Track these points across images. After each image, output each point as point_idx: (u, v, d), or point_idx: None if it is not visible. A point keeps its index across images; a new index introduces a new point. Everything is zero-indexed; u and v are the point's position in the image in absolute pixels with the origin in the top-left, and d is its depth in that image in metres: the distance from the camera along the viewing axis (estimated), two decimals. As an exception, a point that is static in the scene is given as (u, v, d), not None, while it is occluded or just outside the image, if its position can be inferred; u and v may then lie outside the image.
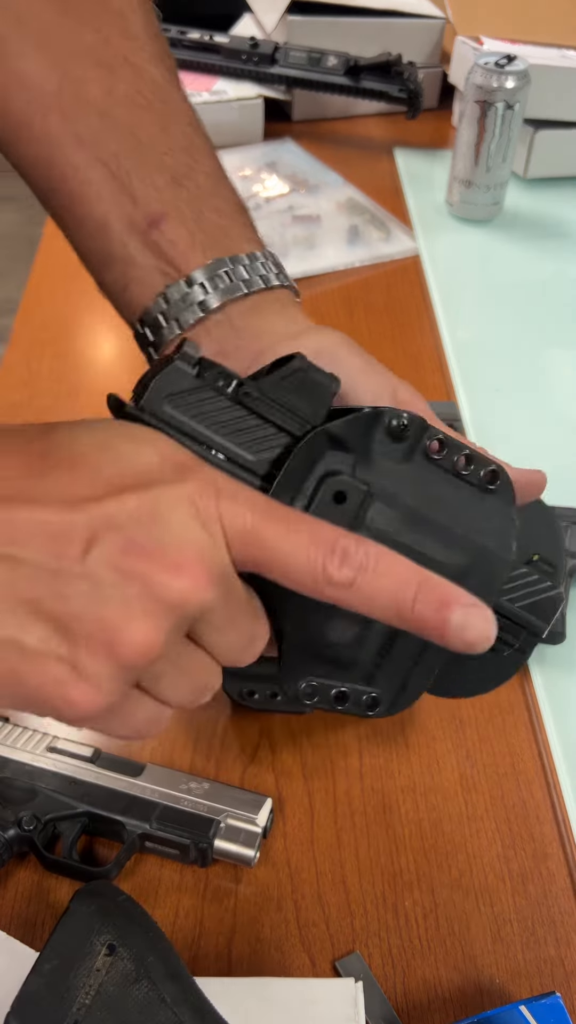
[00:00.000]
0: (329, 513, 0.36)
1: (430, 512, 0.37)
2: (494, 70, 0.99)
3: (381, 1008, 0.48)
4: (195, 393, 0.35)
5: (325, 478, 0.36)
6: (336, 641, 0.37)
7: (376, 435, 0.37)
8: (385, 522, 0.37)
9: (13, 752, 0.55)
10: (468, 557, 0.38)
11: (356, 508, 0.36)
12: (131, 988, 0.41)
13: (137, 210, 0.42)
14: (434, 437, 0.37)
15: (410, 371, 0.91)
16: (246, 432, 0.36)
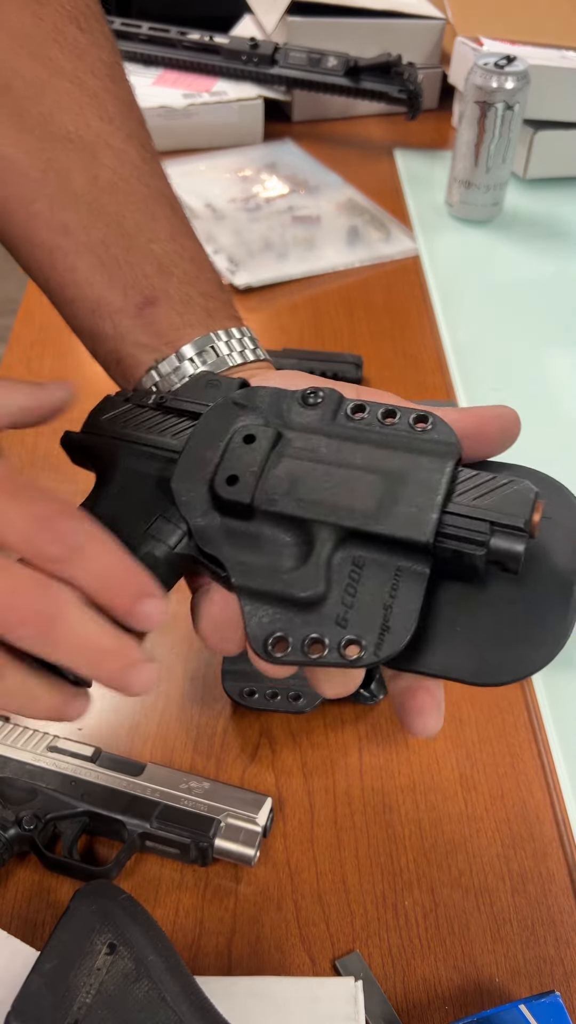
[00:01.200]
0: (240, 453, 0.37)
1: (355, 448, 0.37)
2: (494, 71, 0.99)
3: (381, 1007, 0.48)
4: (124, 412, 0.42)
5: (235, 432, 0.38)
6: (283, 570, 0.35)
7: (286, 403, 0.39)
8: (301, 454, 0.37)
9: (13, 752, 0.55)
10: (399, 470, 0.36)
11: (267, 444, 0.37)
12: (132, 987, 0.41)
13: (127, 297, 0.43)
14: (353, 403, 0.38)
15: (410, 371, 0.91)
16: (168, 427, 0.40)
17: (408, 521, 0.34)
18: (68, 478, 0.77)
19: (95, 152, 0.43)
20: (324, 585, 0.35)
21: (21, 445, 0.80)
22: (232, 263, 1.02)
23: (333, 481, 0.36)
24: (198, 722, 0.61)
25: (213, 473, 0.37)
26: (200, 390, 0.41)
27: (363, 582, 0.35)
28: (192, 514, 0.37)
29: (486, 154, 1.04)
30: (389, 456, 0.36)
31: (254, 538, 0.36)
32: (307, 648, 0.34)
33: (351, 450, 0.37)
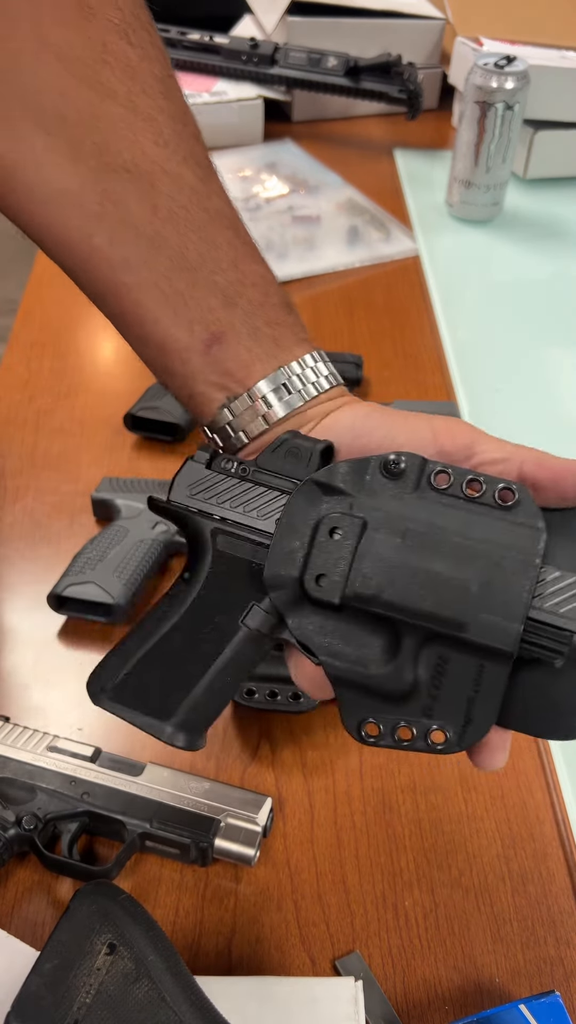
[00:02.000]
0: (327, 548, 0.38)
1: (440, 535, 0.37)
2: (494, 71, 0.99)
3: (381, 1007, 0.48)
4: (206, 480, 0.42)
5: (321, 520, 0.39)
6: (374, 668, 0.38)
7: (368, 475, 0.39)
8: (387, 548, 0.38)
9: (13, 752, 0.55)
10: (484, 570, 0.37)
11: (354, 538, 0.38)
12: (131, 987, 0.41)
13: (194, 333, 0.42)
14: (437, 468, 0.39)
15: (410, 371, 0.91)
16: (252, 501, 0.41)
17: (494, 629, 0.36)
18: (68, 478, 0.77)
19: (152, 181, 0.42)
20: (411, 681, 0.38)
21: (21, 445, 0.80)
22: (232, 263, 1.02)
23: (420, 580, 0.37)
24: (198, 722, 0.61)
25: (303, 568, 0.39)
26: (281, 459, 0.41)
27: (447, 675, 0.38)
28: (285, 608, 0.39)
29: (486, 154, 1.04)
30: (475, 550, 0.37)
31: (345, 631, 0.39)
32: (396, 734, 0.38)
33: (437, 538, 0.38)
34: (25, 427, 0.82)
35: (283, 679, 0.60)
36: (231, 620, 0.40)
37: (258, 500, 0.41)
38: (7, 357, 0.90)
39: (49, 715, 0.61)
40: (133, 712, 0.40)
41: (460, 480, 0.38)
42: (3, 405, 0.84)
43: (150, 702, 0.40)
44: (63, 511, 0.75)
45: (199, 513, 0.42)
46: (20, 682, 0.63)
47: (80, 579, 0.65)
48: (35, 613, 0.66)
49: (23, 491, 0.76)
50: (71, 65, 0.40)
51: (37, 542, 0.72)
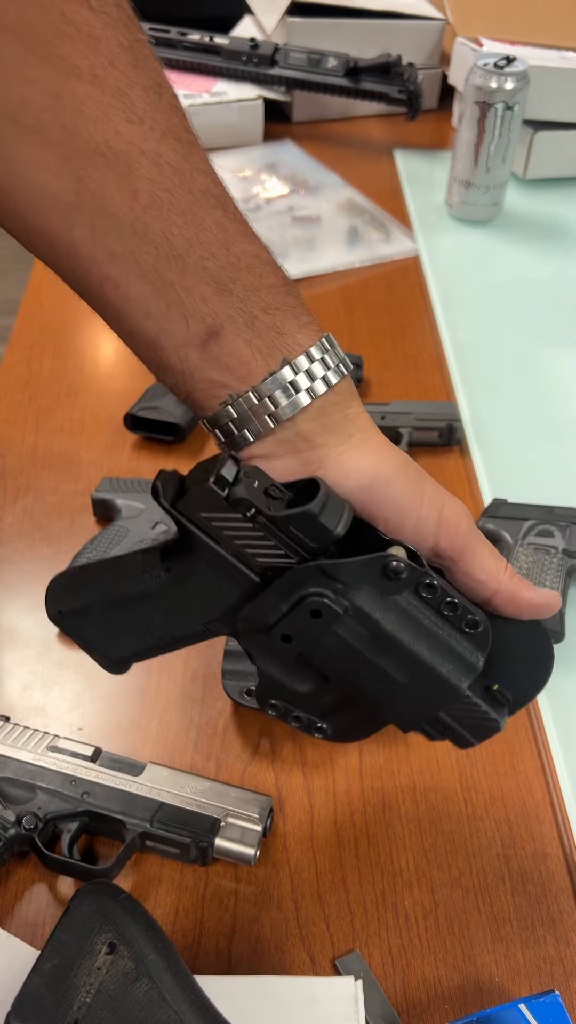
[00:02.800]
0: (303, 623, 0.42)
1: (400, 635, 0.42)
2: (493, 71, 0.99)
3: (381, 1007, 0.48)
4: (223, 513, 0.41)
5: (309, 596, 0.41)
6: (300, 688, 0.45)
7: (368, 569, 0.41)
8: (352, 636, 0.42)
9: (14, 751, 0.55)
10: (418, 677, 0.43)
11: (328, 623, 0.42)
12: (132, 986, 0.41)
13: (190, 327, 0.40)
14: (425, 581, 0.42)
15: (410, 371, 0.91)
16: (257, 547, 0.42)
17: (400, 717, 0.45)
18: (68, 478, 0.77)
19: (129, 164, 0.38)
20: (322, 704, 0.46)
21: (21, 445, 0.80)
22: (232, 263, 1.02)
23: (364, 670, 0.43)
24: (198, 722, 0.61)
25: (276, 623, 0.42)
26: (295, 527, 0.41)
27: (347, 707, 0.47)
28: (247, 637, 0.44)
29: (486, 154, 1.04)
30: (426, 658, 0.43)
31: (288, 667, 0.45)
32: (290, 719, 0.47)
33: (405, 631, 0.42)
34: (25, 427, 0.82)
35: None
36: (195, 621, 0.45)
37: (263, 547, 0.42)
38: (7, 357, 0.90)
39: (49, 715, 0.61)
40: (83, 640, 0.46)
41: (440, 600, 0.42)
42: (3, 405, 0.84)
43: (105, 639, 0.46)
44: (63, 511, 0.75)
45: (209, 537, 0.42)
46: (20, 682, 0.63)
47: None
48: (35, 613, 0.67)
49: (23, 491, 0.76)
50: (30, 42, 0.36)
51: (37, 542, 0.72)
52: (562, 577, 0.66)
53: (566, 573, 0.67)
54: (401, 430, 0.80)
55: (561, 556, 0.68)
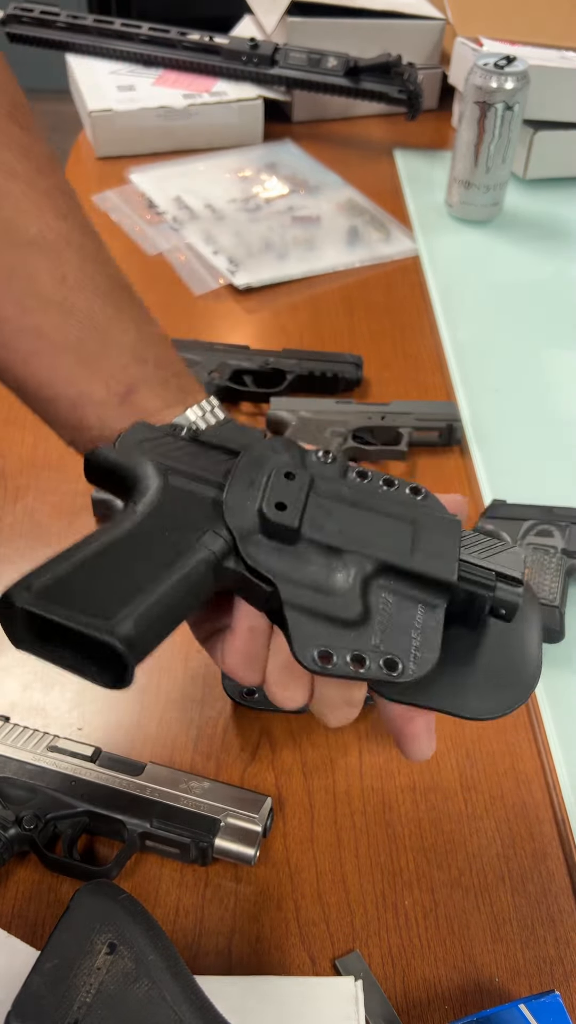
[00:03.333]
0: (283, 487, 0.41)
1: (373, 502, 0.42)
2: (493, 71, 0.99)
3: (381, 1007, 0.48)
4: (156, 439, 0.43)
5: (276, 468, 0.42)
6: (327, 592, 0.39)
7: (310, 456, 0.44)
8: (335, 497, 0.42)
9: (14, 752, 0.55)
10: (419, 521, 0.42)
11: (306, 484, 0.41)
12: (132, 986, 0.41)
13: (109, 389, 0.45)
14: (356, 469, 0.43)
15: (410, 371, 0.91)
16: (203, 457, 0.43)
17: (436, 563, 0.40)
18: (68, 478, 0.77)
19: (59, 252, 0.44)
20: (362, 609, 0.39)
21: (21, 445, 0.80)
22: (232, 263, 1.02)
23: (367, 522, 0.41)
24: (198, 722, 0.61)
25: (260, 499, 0.41)
26: (230, 431, 0.44)
27: (394, 610, 0.40)
28: (242, 533, 0.40)
29: (486, 154, 1.04)
30: (404, 514, 0.42)
31: (299, 559, 0.40)
32: (351, 663, 0.38)
33: (372, 503, 0.42)
34: (25, 427, 0.82)
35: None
36: (185, 537, 0.39)
37: (210, 457, 0.43)
38: (7, 357, 0.90)
39: (49, 715, 0.61)
40: (66, 610, 0.35)
41: (377, 476, 0.43)
42: (3, 405, 0.84)
43: (90, 603, 0.35)
44: (63, 511, 0.75)
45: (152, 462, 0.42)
46: (20, 682, 0.63)
47: None
48: (35, 613, 0.66)
49: (23, 491, 0.76)
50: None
51: (37, 542, 0.72)
52: (561, 577, 0.66)
53: (565, 573, 0.67)
54: (401, 430, 0.80)
55: (560, 556, 0.68)
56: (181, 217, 1.09)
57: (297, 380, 0.85)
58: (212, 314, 0.97)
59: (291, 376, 0.85)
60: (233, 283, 0.99)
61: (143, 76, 1.22)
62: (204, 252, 1.03)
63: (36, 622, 0.35)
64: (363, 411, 0.81)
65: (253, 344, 0.90)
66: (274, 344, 0.92)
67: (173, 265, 1.03)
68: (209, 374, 0.84)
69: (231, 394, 0.85)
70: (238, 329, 0.95)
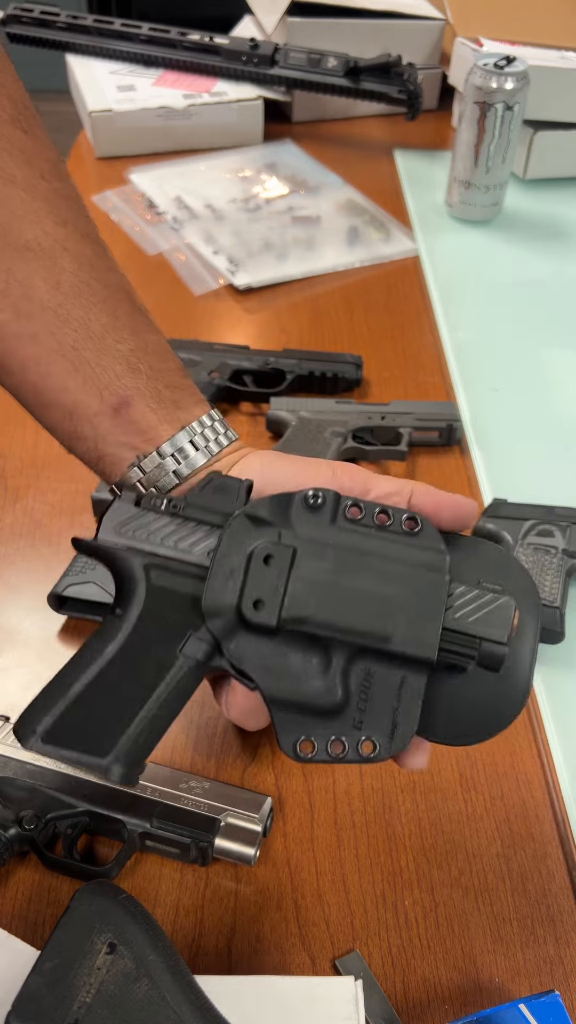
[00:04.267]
0: (261, 575, 0.41)
1: (360, 559, 0.42)
2: (493, 71, 0.99)
3: (381, 1007, 0.48)
4: (136, 518, 0.44)
5: (254, 551, 0.42)
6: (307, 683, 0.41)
7: (293, 509, 0.43)
8: (316, 572, 0.41)
9: (13, 751, 0.55)
10: (402, 588, 0.41)
11: (286, 565, 0.41)
12: (132, 986, 0.41)
13: (103, 399, 0.45)
14: (349, 503, 0.43)
15: (410, 371, 0.91)
16: (184, 536, 0.43)
17: (415, 641, 0.41)
18: (68, 477, 0.77)
19: (55, 258, 0.44)
20: (343, 695, 0.41)
21: (21, 445, 0.80)
22: (232, 263, 1.02)
23: (348, 598, 0.41)
24: (198, 722, 0.61)
25: (239, 596, 0.41)
26: (210, 495, 0.44)
27: (373, 690, 0.41)
28: (223, 634, 0.42)
29: (486, 154, 1.04)
30: (391, 571, 0.42)
31: (279, 654, 0.41)
32: (330, 749, 0.41)
33: (358, 561, 0.42)
34: (25, 427, 0.82)
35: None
36: (168, 651, 0.42)
37: (191, 535, 0.43)
38: (7, 357, 0.90)
39: (49, 715, 0.61)
40: (69, 751, 0.40)
41: (371, 512, 0.43)
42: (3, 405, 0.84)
43: (87, 738, 0.41)
44: (63, 511, 0.75)
45: (130, 550, 0.43)
46: (20, 682, 0.63)
47: (80, 579, 0.65)
48: (35, 613, 0.67)
49: (23, 491, 0.76)
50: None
51: (37, 542, 0.72)
52: (562, 577, 0.66)
53: (566, 573, 0.67)
54: (401, 430, 0.80)
55: (561, 556, 0.68)
56: (181, 217, 1.09)
57: (297, 380, 0.85)
58: (212, 314, 0.97)
59: (291, 376, 0.85)
60: (233, 283, 0.99)
61: (143, 76, 1.22)
62: (204, 252, 1.03)
63: None
64: (363, 411, 0.81)
65: (253, 344, 0.90)
66: (274, 344, 0.92)
67: (173, 265, 1.03)
68: (209, 374, 0.84)
69: (231, 394, 0.85)
70: (238, 329, 0.95)
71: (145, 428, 0.46)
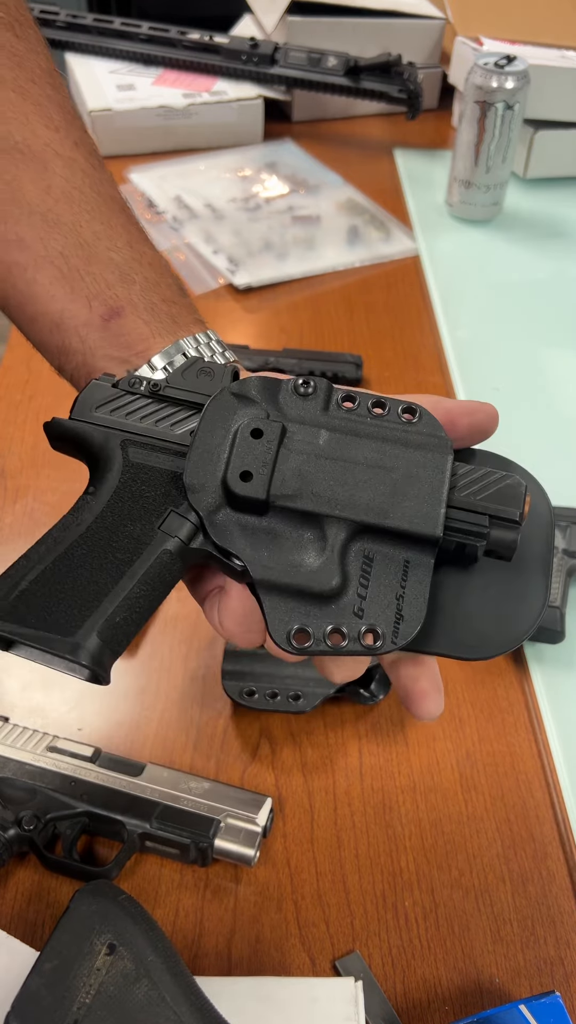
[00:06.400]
0: (249, 450, 0.38)
1: (356, 441, 0.38)
2: (494, 70, 0.99)
3: (381, 1007, 0.48)
4: (113, 400, 0.41)
5: (241, 426, 0.38)
6: (301, 564, 0.37)
7: (282, 394, 0.40)
8: (309, 447, 0.38)
9: (13, 752, 0.55)
10: (403, 466, 0.38)
11: (275, 439, 0.38)
12: (131, 987, 0.41)
13: (92, 308, 0.42)
14: (343, 393, 0.39)
15: (410, 371, 0.91)
16: (165, 418, 0.40)
17: (418, 516, 0.37)
18: (68, 477, 0.77)
19: (45, 161, 0.43)
20: (340, 578, 0.37)
21: (21, 444, 0.80)
22: (232, 263, 1.01)
23: (342, 476, 0.38)
24: (198, 722, 0.61)
25: (225, 469, 0.38)
26: (193, 378, 0.41)
27: (375, 574, 0.37)
28: (207, 510, 0.38)
29: (486, 154, 1.04)
30: (390, 451, 0.38)
31: (269, 533, 0.37)
32: (328, 638, 0.36)
33: (353, 444, 0.38)
34: (25, 427, 0.82)
35: (283, 679, 0.60)
36: (146, 528, 0.38)
37: (172, 416, 0.40)
38: (7, 357, 0.90)
39: (49, 715, 0.61)
40: (30, 629, 0.35)
41: (365, 402, 0.39)
42: (3, 405, 0.84)
43: (52, 617, 0.36)
44: (63, 510, 0.74)
45: (109, 427, 0.40)
46: (20, 682, 0.63)
47: None
48: (35, 613, 0.66)
49: (23, 491, 0.76)
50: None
51: (37, 542, 0.72)
52: (562, 577, 0.66)
53: (566, 573, 0.67)
54: (401, 430, 0.80)
55: (561, 556, 0.68)
56: (181, 216, 1.09)
57: (297, 380, 0.85)
58: (212, 314, 0.97)
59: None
60: (233, 283, 0.99)
61: (143, 75, 1.22)
62: (204, 251, 1.03)
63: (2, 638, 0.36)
64: (363, 411, 0.81)
65: (253, 344, 0.90)
66: (274, 344, 0.92)
67: (173, 265, 1.03)
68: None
69: (231, 394, 0.85)
70: (238, 329, 0.95)
71: (136, 340, 0.43)
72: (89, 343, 0.43)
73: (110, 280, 0.43)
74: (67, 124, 0.44)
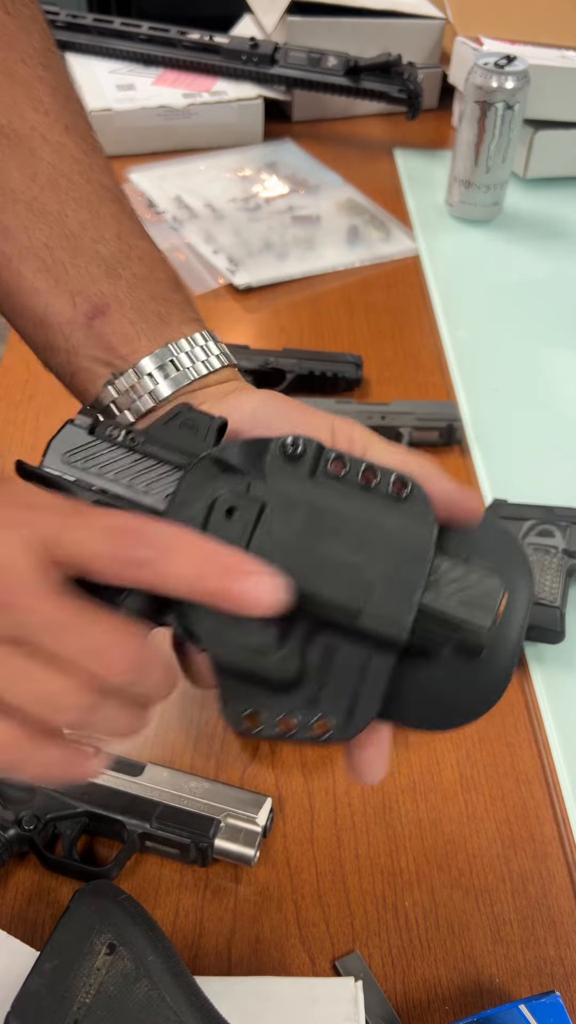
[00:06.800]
0: (222, 528, 0.36)
1: (336, 521, 0.37)
2: (494, 70, 0.99)
3: (381, 1007, 0.48)
4: (88, 448, 0.38)
5: (217, 500, 0.37)
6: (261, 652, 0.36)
7: (268, 457, 0.37)
8: (285, 531, 0.36)
9: (13, 752, 0.55)
10: (379, 558, 0.36)
11: (251, 520, 0.36)
12: (131, 987, 0.41)
13: (76, 305, 0.41)
14: (333, 455, 0.38)
15: (410, 371, 0.91)
16: (140, 475, 0.38)
17: (387, 619, 0.35)
18: (68, 478, 0.77)
19: (32, 147, 0.41)
20: (299, 669, 0.36)
21: (21, 445, 0.80)
22: (232, 263, 1.01)
23: (318, 566, 0.36)
24: (198, 722, 0.61)
25: None
26: (175, 431, 0.39)
27: (335, 666, 0.37)
28: None
29: (486, 154, 1.04)
30: (372, 536, 0.36)
31: (233, 616, 0.35)
32: (278, 726, 0.36)
33: (334, 524, 0.37)
34: (25, 427, 0.82)
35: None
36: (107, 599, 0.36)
37: (147, 474, 0.38)
38: (7, 357, 0.90)
39: (49, 715, 0.61)
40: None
41: (356, 469, 0.38)
42: (3, 405, 0.84)
43: None
44: (63, 511, 0.75)
45: (76, 483, 0.38)
46: (20, 682, 0.63)
47: None
48: (35, 613, 0.66)
49: (23, 491, 0.76)
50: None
51: (37, 542, 0.72)
52: (562, 577, 0.66)
53: (566, 573, 0.67)
54: (401, 430, 0.80)
55: (561, 556, 0.68)
56: (181, 216, 1.09)
57: (297, 380, 0.85)
58: (212, 314, 0.97)
59: (291, 376, 0.85)
60: (233, 283, 0.99)
61: (143, 75, 1.22)
62: (204, 251, 1.03)
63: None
64: (363, 411, 0.81)
65: (253, 344, 0.90)
66: (274, 344, 0.92)
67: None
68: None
69: (231, 394, 0.85)
70: (238, 329, 0.95)
71: (121, 343, 0.41)
72: (73, 342, 0.41)
73: (95, 274, 0.41)
74: (58, 107, 0.42)
